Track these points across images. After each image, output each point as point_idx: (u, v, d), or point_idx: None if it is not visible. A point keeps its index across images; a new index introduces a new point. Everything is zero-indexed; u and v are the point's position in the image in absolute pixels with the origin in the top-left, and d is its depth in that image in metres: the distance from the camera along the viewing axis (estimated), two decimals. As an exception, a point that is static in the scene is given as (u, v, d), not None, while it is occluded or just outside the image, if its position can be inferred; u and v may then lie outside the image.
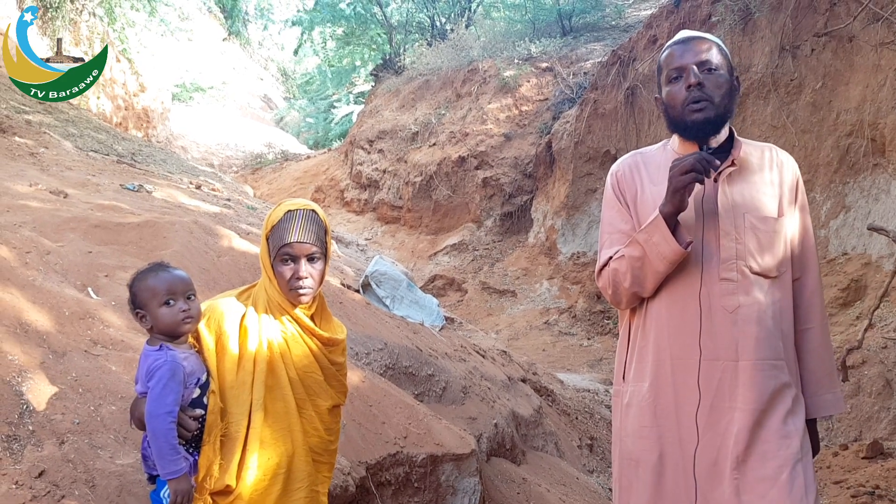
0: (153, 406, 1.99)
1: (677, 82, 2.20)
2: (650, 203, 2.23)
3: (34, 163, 5.71)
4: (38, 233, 3.79)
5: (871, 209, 7.71)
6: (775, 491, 2.04)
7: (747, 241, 2.14)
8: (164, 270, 2.16)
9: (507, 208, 14.44)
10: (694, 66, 2.17)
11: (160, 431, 1.98)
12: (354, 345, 4.17)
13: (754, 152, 2.27)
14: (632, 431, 2.25)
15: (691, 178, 2.04)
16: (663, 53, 2.30)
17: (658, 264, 2.13)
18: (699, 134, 2.19)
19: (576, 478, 5.13)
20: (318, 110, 28.21)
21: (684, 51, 2.21)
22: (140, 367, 2.10)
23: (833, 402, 2.29)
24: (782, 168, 2.26)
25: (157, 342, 2.11)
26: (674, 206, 2.09)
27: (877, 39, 7.67)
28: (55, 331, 2.93)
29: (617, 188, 2.35)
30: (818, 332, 2.28)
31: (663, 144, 2.39)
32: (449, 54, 17.50)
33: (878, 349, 6.28)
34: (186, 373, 2.06)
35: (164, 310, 2.08)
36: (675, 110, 2.21)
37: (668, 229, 2.09)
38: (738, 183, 2.20)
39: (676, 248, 2.09)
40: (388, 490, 3.41)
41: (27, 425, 2.44)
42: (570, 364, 9.54)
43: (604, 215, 2.40)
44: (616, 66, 12.26)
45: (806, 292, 2.27)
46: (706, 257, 2.15)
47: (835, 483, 5.18)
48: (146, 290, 2.10)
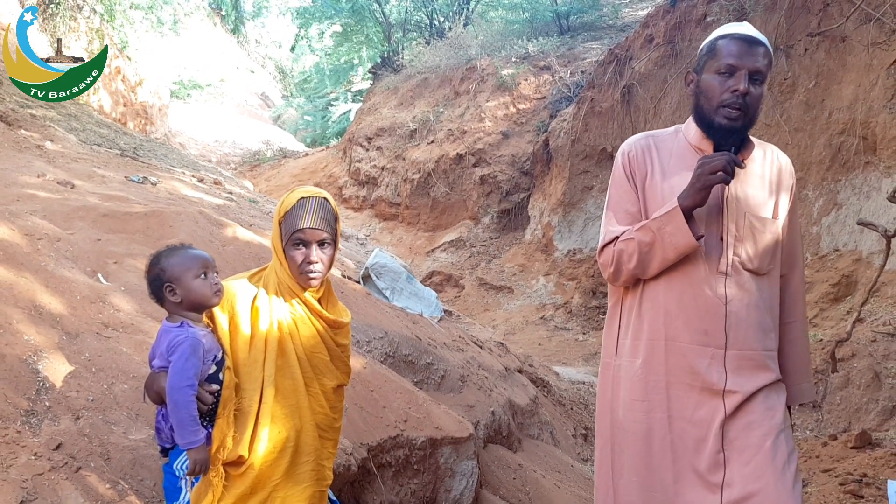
0: (176, 379, 2.07)
1: (725, 78, 2.19)
2: (658, 190, 2.30)
3: (40, 155, 5.80)
4: (48, 221, 3.89)
5: (862, 206, 7.84)
6: (760, 457, 2.15)
7: (745, 239, 2.24)
8: (191, 248, 2.27)
9: (504, 205, 14.55)
10: (748, 72, 2.17)
11: (182, 403, 2.07)
12: (356, 333, 4.27)
13: (757, 152, 2.35)
14: (623, 403, 2.34)
15: (720, 179, 2.10)
16: (722, 39, 2.24)
17: (669, 252, 2.20)
18: (722, 139, 2.24)
19: (570, 465, 5.24)
20: (316, 108, 28.22)
21: (746, 52, 2.18)
22: (159, 343, 2.18)
23: (808, 391, 2.45)
24: (781, 171, 2.36)
25: (178, 319, 2.19)
26: (694, 202, 2.15)
27: (869, 39, 7.79)
28: (68, 313, 3.03)
29: (628, 167, 2.38)
30: (799, 326, 2.41)
31: (675, 130, 2.42)
32: (447, 53, 17.60)
33: (868, 342, 6.40)
34: (205, 349, 2.15)
35: (199, 282, 2.17)
36: (708, 103, 2.22)
37: (685, 221, 2.15)
38: (742, 182, 2.28)
39: (691, 240, 2.15)
40: (388, 471, 3.51)
41: (44, 401, 2.54)
42: (565, 358, 9.66)
43: (611, 193, 2.42)
44: (613, 64, 12.36)
45: (791, 288, 2.39)
46: (707, 250, 2.23)
47: (823, 472, 5.29)
48: (179, 265, 2.19)
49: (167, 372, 2.13)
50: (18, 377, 2.54)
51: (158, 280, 2.21)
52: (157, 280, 2.21)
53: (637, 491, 2.28)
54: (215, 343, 2.21)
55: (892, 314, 6.79)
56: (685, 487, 2.22)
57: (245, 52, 34.17)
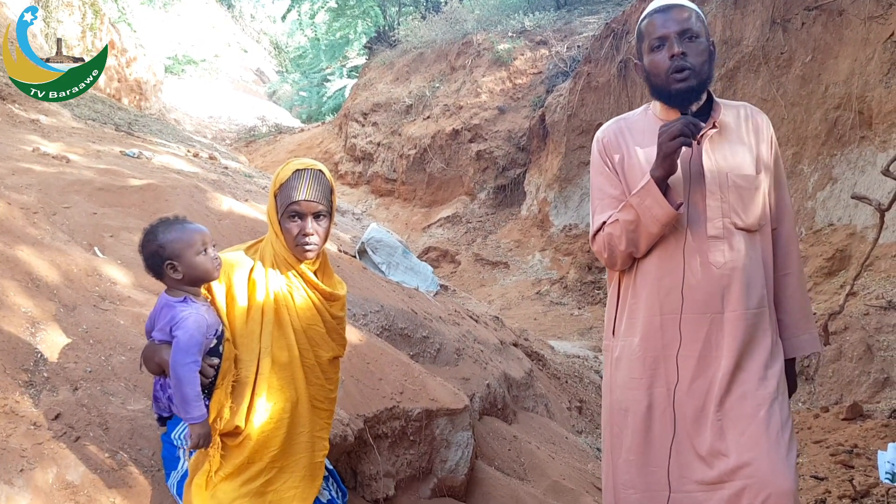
0: (180, 356, 2.08)
1: (660, 51, 2.26)
2: (637, 167, 2.33)
3: (35, 129, 5.78)
4: (43, 195, 3.89)
5: (857, 181, 7.86)
6: (754, 427, 2.18)
7: (731, 198, 2.26)
8: (189, 223, 2.25)
9: (500, 181, 14.54)
10: (675, 35, 2.23)
11: (186, 379, 2.08)
12: (352, 306, 4.29)
13: (730, 112, 2.38)
14: (622, 383, 2.38)
15: (680, 143, 2.14)
16: (643, 21, 2.35)
17: (651, 226, 2.23)
18: (683, 102, 2.27)
19: (564, 437, 5.29)
20: (311, 84, 28.02)
21: (665, 19, 2.27)
22: (160, 316, 2.19)
23: (810, 342, 2.45)
24: (758, 126, 2.38)
25: (181, 294, 2.19)
26: (664, 170, 2.19)
27: (865, 13, 7.77)
28: (65, 286, 3.04)
29: (604, 153, 2.43)
30: (795, 278, 2.42)
31: (644, 109, 2.48)
32: (443, 27, 17.47)
33: (861, 315, 6.45)
34: (208, 325, 2.16)
35: (201, 258, 2.17)
36: (658, 78, 2.29)
37: (660, 192, 2.19)
38: (719, 144, 2.30)
39: (669, 210, 2.19)
40: (384, 442, 3.54)
41: (42, 372, 2.56)
42: (560, 332, 9.71)
43: (593, 181, 2.48)
44: (609, 39, 12.30)
45: (782, 240, 2.40)
46: (694, 217, 2.26)
47: (815, 443, 5.36)
48: (179, 242, 2.17)
49: (169, 345, 2.14)
50: (17, 349, 2.56)
51: (157, 257, 2.19)
52: (155, 256, 2.20)
53: (636, 469, 2.32)
54: (216, 317, 2.22)
55: (885, 288, 6.84)
56: (683, 459, 2.26)
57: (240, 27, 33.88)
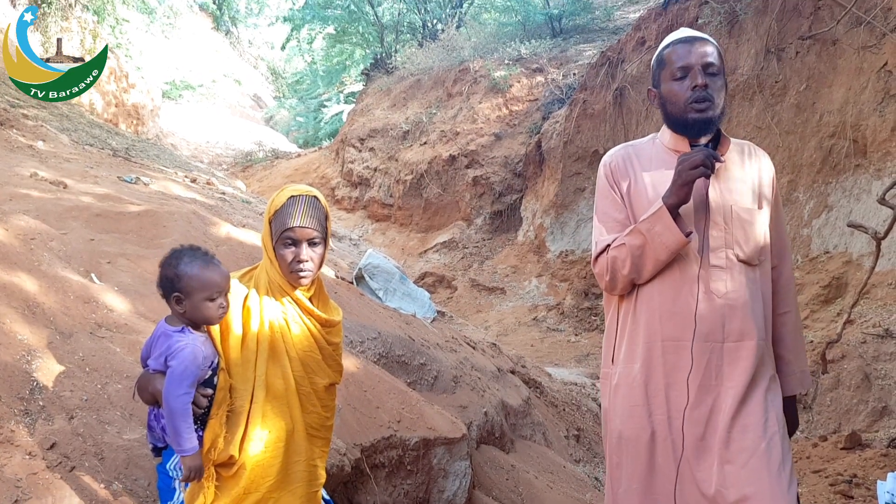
0: (174, 386, 2.06)
1: (682, 81, 2.30)
2: (644, 194, 2.35)
3: (33, 155, 5.78)
4: (41, 221, 3.88)
5: (852, 209, 7.89)
6: (755, 460, 2.18)
7: (734, 230, 2.28)
8: (213, 265, 2.18)
9: (496, 207, 14.57)
10: (700, 67, 2.28)
11: (178, 411, 2.05)
12: (349, 333, 4.27)
13: (735, 148, 2.42)
14: (621, 411, 2.37)
15: (700, 173, 2.17)
16: (665, 49, 2.39)
17: (660, 252, 2.25)
18: (698, 132, 2.32)
19: (563, 466, 5.25)
20: (308, 109, 28.18)
21: (690, 51, 2.31)
22: (157, 344, 2.16)
23: (806, 379, 2.49)
24: (760, 164, 2.42)
25: (180, 323, 2.17)
26: (678, 198, 2.22)
27: (859, 43, 7.86)
28: (61, 313, 3.02)
29: (611, 177, 2.45)
30: (793, 316, 2.45)
31: (652, 138, 2.50)
32: (440, 54, 17.61)
33: (858, 344, 6.45)
34: (204, 356, 2.14)
35: (209, 304, 2.13)
36: (676, 107, 2.32)
37: (672, 220, 2.21)
38: (724, 177, 2.34)
39: (681, 237, 2.21)
40: (381, 472, 3.51)
41: (38, 401, 2.53)
42: (557, 359, 9.68)
43: (598, 204, 2.50)
44: (605, 67, 12.41)
45: (782, 279, 2.43)
46: (697, 246, 2.28)
47: (814, 472, 5.33)
48: (196, 281, 2.13)
49: (163, 375, 2.12)
50: (12, 376, 2.54)
51: (170, 283, 2.17)
52: (168, 282, 2.17)
53: (638, 498, 2.31)
54: (213, 349, 2.20)
55: (882, 316, 6.84)
56: (685, 488, 2.25)
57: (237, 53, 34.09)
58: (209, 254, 2.23)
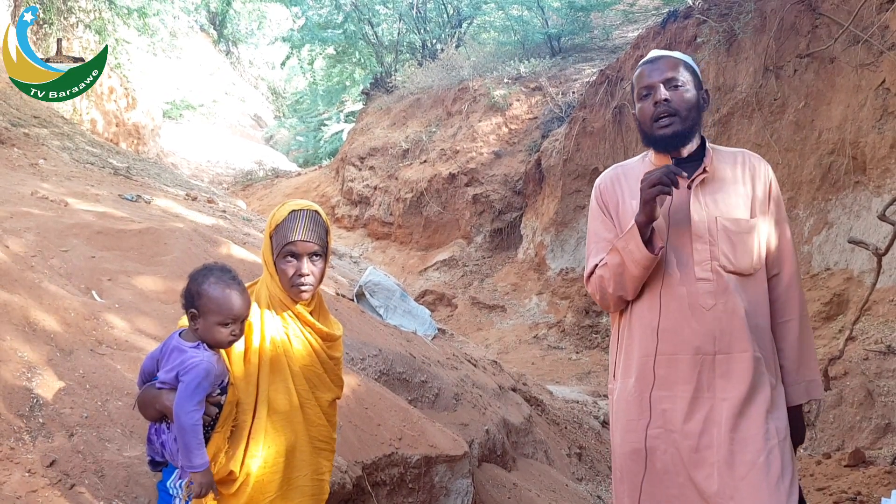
0: (185, 402, 2.04)
1: (647, 99, 2.37)
2: (629, 213, 2.39)
3: (34, 173, 5.79)
4: (42, 238, 3.88)
5: (852, 225, 7.90)
6: (754, 472, 2.18)
7: (720, 242, 2.29)
8: (238, 292, 2.18)
9: (496, 224, 14.59)
10: (661, 84, 2.33)
11: (189, 427, 2.04)
12: (350, 350, 4.26)
13: (726, 158, 2.43)
14: (620, 426, 2.41)
15: (658, 191, 2.20)
16: (635, 73, 2.47)
17: (633, 269, 2.29)
18: (668, 147, 2.37)
19: (565, 485, 5.22)
20: (308, 128, 28.27)
21: (652, 69, 2.38)
22: (169, 358, 2.14)
23: (813, 388, 2.43)
24: (755, 171, 2.42)
25: (195, 339, 2.16)
26: (646, 216, 2.26)
27: (857, 61, 7.90)
28: (62, 330, 3.02)
29: (600, 199, 2.53)
30: (797, 324, 2.41)
31: (643, 157, 2.55)
32: (439, 74, 17.69)
33: (860, 360, 6.43)
34: (216, 373, 2.13)
35: (220, 329, 2.13)
36: (645, 125, 2.39)
37: (639, 237, 2.25)
38: (711, 189, 2.36)
39: (646, 253, 2.25)
40: (383, 490, 3.49)
41: (38, 418, 2.52)
42: (558, 377, 9.65)
43: (590, 226, 2.58)
44: (604, 85, 12.47)
45: (782, 286, 2.41)
46: (683, 260, 2.30)
47: (818, 490, 5.29)
48: (213, 304, 2.12)
49: (172, 390, 2.10)
50: (12, 394, 2.53)
51: (191, 298, 2.16)
52: (189, 296, 2.17)
53: None
54: (224, 368, 2.19)
55: (884, 332, 6.82)
56: (686, 501, 2.24)
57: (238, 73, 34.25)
58: (237, 279, 2.22)
